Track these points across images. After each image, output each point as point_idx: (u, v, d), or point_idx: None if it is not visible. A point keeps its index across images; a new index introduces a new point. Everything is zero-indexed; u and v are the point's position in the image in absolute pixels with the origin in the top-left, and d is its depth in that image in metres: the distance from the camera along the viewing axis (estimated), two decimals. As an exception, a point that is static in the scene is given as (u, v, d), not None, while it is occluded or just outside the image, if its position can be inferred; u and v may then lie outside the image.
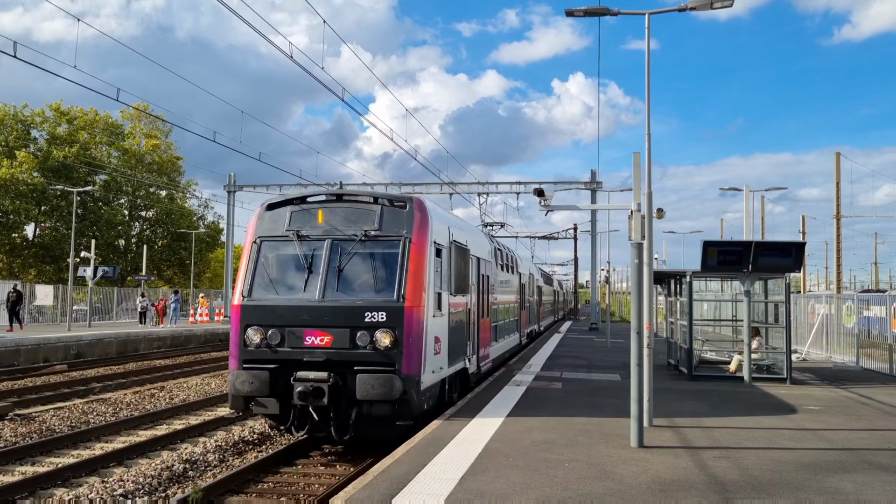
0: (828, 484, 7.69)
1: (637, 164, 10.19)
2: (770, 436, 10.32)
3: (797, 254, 15.50)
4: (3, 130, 50.64)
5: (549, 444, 9.42)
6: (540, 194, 10.87)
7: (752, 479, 7.82)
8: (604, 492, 7.17)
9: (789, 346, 16.66)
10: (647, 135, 12.05)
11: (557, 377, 16.99)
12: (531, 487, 7.27)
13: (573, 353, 24.78)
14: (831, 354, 23.77)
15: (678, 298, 19.06)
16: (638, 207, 9.93)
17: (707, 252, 15.55)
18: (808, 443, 9.93)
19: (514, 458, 8.53)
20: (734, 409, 12.70)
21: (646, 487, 7.36)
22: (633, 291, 9.94)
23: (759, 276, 16.28)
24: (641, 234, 9.82)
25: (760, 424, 11.20)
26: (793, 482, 7.72)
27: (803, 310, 27.03)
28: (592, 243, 44.54)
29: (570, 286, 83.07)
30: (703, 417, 11.75)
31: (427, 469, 7.96)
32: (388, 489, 7.13)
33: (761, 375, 16.88)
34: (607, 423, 11.02)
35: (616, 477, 7.76)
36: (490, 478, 7.62)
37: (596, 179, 42.15)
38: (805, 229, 54.24)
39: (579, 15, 12.44)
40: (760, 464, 8.54)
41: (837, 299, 25.04)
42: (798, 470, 8.27)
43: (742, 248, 15.62)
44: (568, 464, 8.32)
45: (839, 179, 43.88)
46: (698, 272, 16.54)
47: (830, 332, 24.36)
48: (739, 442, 9.82)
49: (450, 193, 41.65)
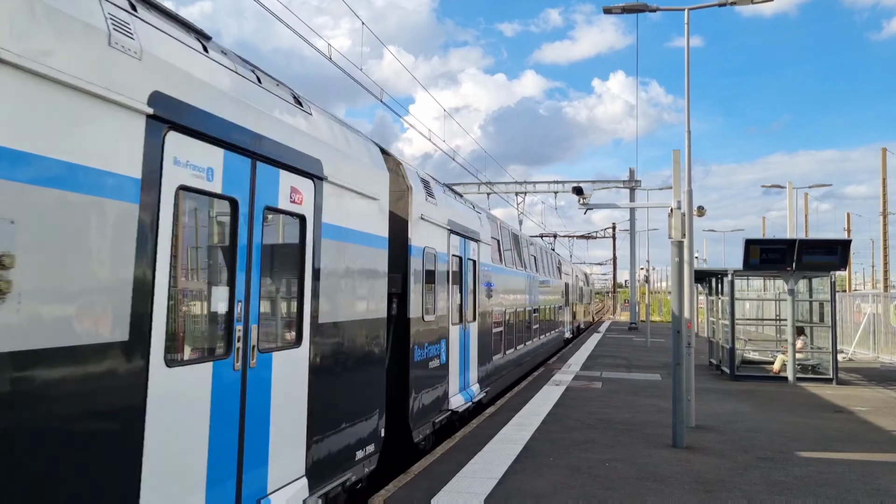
0: (877, 485, 7.52)
1: (677, 162, 10.08)
2: (817, 437, 10.13)
3: (843, 251, 15.18)
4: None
5: (590, 443, 9.36)
6: (579, 193, 10.81)
7: (797, 480, 7.68)
8: (646, 492, 7.11)
9: (835, 345, 16.31)
10: (686, 132, 11.92)
11: (597, 377, 16.89)
12: (572, 487, 7.24)
13: (612, 352, 24.59)
14: (878, 354, 23.22)
15: (720, 297, 18.79)
16: (678, 205, 9.82)
17: (749, 250, 15.32)
18: (856, 444, 9.72)
19: (554, 458, 8.50)
20: (779, 409, 12.48)
21: (689, 488, 7.28)
22: (674, 290, 9.84)
23: (803, 274, 15.98)
24: (682, 233, 9.71)
25: (807, 425, 10.99)
26: (840, 483, 7.57)
27: (849, 309, 26.43)
28: (631, 242, 44.16)
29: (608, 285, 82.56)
30: (747, 417, 11.57)
31: (467, 468, 7.97)
32: (429, 487, 7.16)
33: (806, 376, 16.55)
34: (648, 423, 10.92)
35: (658, 477, 7.69)
36: (530, 476, 7.61)
37: (634, 178, 41.78)
38: (850, 227, 53.04)
39: (617, 12, 12.34)
40: (806, 465, 8.38)
41: (885, 298, 24.44)
42: (846, 471, 8.10)
43: (786, 247, 15.36)
44: (609, 463, 8.27)
45: (885, 175, 42.73)
46: (740, 271, 16.29)
47: (878, 332, 23.81)
48: (785, 442, 9.65)
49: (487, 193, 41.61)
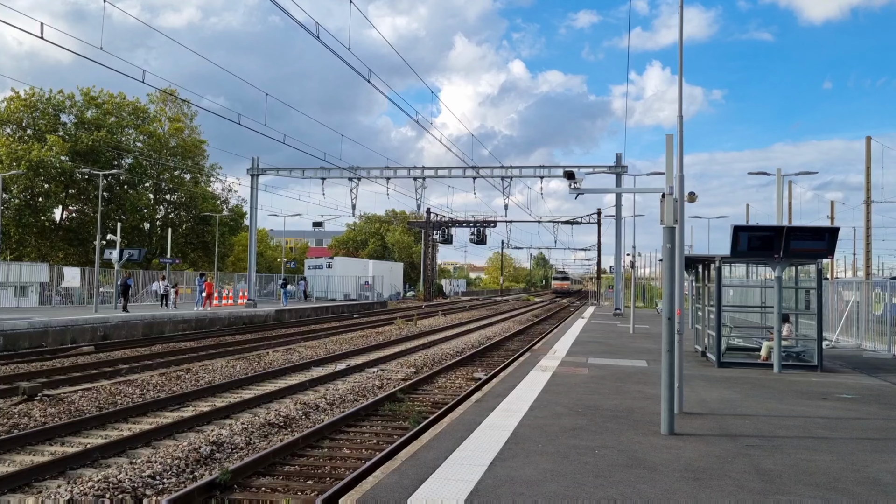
0: (866, 474, 7.50)
1: (670, 147, 9.98)
2: (804, 424, 10.13)
3: (830, 239, 15.16)
4: (35, 114, 51.21)
5: (579, 430, 9.30)
6: (570, 177, 10.69)
7: (787, 467, 7.65)
8: (636, 479, 7.04)
9: (820, 333, 16.36)
10: (678, 116, 11.77)
11: (583, 363, 16.85)
12: (562, 474, 7.16)
13: (598, 338, 24.60)
14: (861, 342, 23.37)
15: (706, 284, 18.79)
16: (670, 191, 9.72)
17: (737, 237, 15.26)
18: (842, 431, 9.73)
19: (543, 444, 8.42)
20: (765, 396, 12.49)
21: (679, 475, 7.22)
22: (665, 276, 9.75)
23: (790, 261, 15.97)
24: (674, 218, 9.61)
25: (793, 412, 11.00)
26: (829, 471, 7.54)
27: (831, 296, 26.58)
28: (617, 228, 44.19)
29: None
30: (734, 405, 11.57)
31: (455, 454, 7.87)
32: (417, 474, 7.05)
33: (791, 363, 16.60)
34: (636, 409, 10.88)
35: (648, 464, 7.62)
36: (519, 464, 7.52)
37: (621, 163, 41.74)
38: (834, 215, 53.40)
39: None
40: (795, 452, 8.36)
41: (866, 285, 24.57)
42: (835, 459, 8.08)
43: (773, 234, 15.32)
44: (598, 450, 8.20)
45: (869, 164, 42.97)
46: (728, 257, 16.25)
47: (860, 320, 23.94)
48: (772, 430, 9.63)
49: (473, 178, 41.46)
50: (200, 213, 58.66)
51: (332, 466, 9.78)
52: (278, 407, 13.69)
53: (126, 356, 21.63)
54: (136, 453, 10.38)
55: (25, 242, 51.33)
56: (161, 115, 59.77)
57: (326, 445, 10.95)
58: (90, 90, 53.77)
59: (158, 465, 9.38)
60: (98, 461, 9.88)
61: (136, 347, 24.55)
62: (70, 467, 9.48)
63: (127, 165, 54.75)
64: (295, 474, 9.39)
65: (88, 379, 16.94)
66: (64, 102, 52.52)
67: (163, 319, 30.64)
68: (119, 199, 53.71)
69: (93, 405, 13.72)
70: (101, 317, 28.02)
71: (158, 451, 10.38)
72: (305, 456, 10.31)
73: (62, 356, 21.46)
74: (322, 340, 27.65)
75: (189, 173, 60.48)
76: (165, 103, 59.55)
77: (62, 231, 53.78)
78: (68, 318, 26.02)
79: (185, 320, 32.02)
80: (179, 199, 60.66)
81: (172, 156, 58.10)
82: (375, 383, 16.82)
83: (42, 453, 10.39)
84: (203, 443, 10.61)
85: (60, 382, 16.19)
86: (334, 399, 14.65)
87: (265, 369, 18.86)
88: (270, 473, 9.35)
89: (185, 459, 9.77)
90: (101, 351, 23.10)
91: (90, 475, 9.11)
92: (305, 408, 13.56)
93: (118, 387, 15.75)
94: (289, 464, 9.86)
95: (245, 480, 8.90)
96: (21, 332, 23.33)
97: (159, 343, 26.23)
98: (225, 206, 63.05)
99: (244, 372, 18.40)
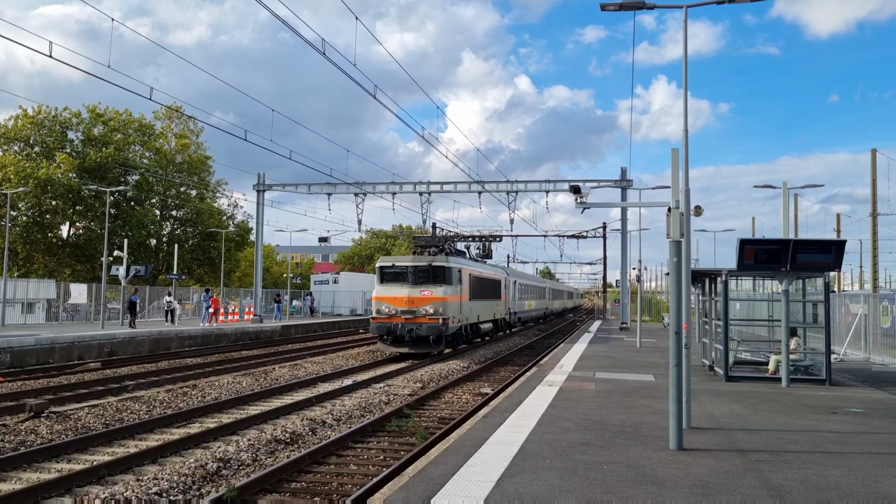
0: (877, 489, 7.44)
1: (675, 161, 9.98)
2: (813, 438, 10.06)
3: (837, 252, 15.10)
4: (42, 132, 51.56)
5: (586, 445, 9.25)
6: (576, 192, 10.70)
7: (796, 482, 7.59)
8: (645, 495, 7.00)
9: (829, 346, 16.28)
10: (684, 130, 11.82)
11: (590, 377, 16.79)
12: (570, 490, 7.12)
13: (604, 352, 24.52)
14: (870, 355, 23.24)
15: (713, 298, 18.73)
16: (676, 204, 9.71)
17: (744, 250, 15.22)
18: (852, 446, 9.65)
19: (551, 460, 8.38)
20: (774, 410, 12.42)
21: (688, 491, 7.17)
22: (672, 290, 9.73)
23: (797, 274, 15.92)
24: (680, 232, 9.60)
25: (802, 427, 10.92)
26: (840, 486, 7.48)
27: (839, 309, 26.46)
28: (623, 241, 44.18)
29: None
30: (743, 419, 11.50)
31: (463, 470, 7.84)
32: (425, 491, 7.02)
33: (800, 377, 16.52)
34: (644, 424, 10.83)
35: (657, 480, 7.58)
36: (527, 480, 7.48)
37: (626, 177, 41.75)
38: (840, 228, 53.21)
39: (615, 9, 12.21)
40: (804, 467, 8.30)
41: (874, 298, 24.46)
42: (844, 474, 8.02)
43: (780, 247, 15.27)
44: (607, 466, 8.16)
45: (875, 176, 42.89)
46: (734, 271, 16.22)
47: (868, 333, 23.82)
48: (782, 445, 9.57)
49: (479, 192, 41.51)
50: (206, 228, 58.80)
51: (339, 483, 9.75)
52: (285, 423, 13.66)
53: (133, 372, 21.64)
54: (142, 470, 10.36)
55: (33, 259, 51.52)
56: (167, 131, 60.07)
57: (333, 462, 10.91)
58: (96, 107, 54.12)
59: (165, 482, 9.36)
60: (105, 478, 9.87)
61: (143, 363, 24.55)
62: (77, 484, 9.46)
63: (133, 182, 54.99)
64: (301, 491, 9.36)
65: (95, 395, 16.94)
66: (71, 120, 52.87)
67: (169, 335, 30.66)
68: (126, 216, 53.88)
69: (99, 422, 13.71)
70: (107, 333, 28.05)
71: (165, 467, 10.36)
72: (312, 472, 10.28)
73: (69, 373, 21.47)
74: (328, 356, 27.60)
75: (195, 189, 60.68)
76: (171, 120, 59.85)
77: (69, 248, 53.95)
78: (75, 335, 26.06)
79: (191, 336, 32.04)
80: (186, 215, 60.78)
81: (178, 172, 58.31)
82: (382, 399, 16.78)
83: (49, 470, 10.38)
84: (209, 459, 10.58)
85: (67, 399, 16.19)
86: (341, 415, 14.61)
87: (271, 385, 18.84)
88: (277, 490, 9.32)
89: (191, 476, 9.75)
90: (108, 367, 23.11)
91: (97, 492, 9.10)
92: (312, 424, 13.53)
93: (125, 403, 15.74)
94: (295, 480, 9.83)
95: (251, 497, 8.87)
96: (28, 348, 23.38)
97: (166, 359, 26.24)
98: (231, 222, 63.19)
99: (250, 388, 18.38)
